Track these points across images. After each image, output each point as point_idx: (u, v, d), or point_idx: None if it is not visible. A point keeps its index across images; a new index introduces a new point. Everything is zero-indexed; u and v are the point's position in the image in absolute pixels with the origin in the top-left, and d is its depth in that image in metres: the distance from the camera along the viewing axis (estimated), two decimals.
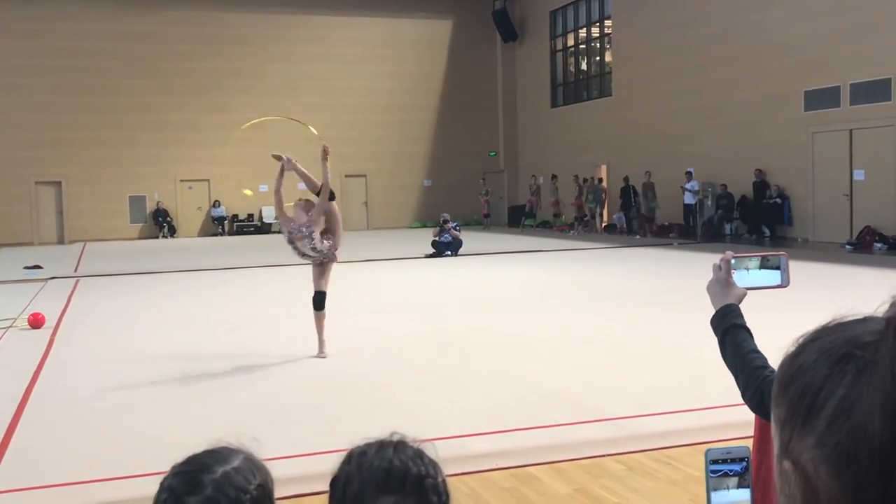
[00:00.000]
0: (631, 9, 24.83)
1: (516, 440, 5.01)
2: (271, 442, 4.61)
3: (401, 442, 1.29)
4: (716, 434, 4.90)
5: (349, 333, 8.87)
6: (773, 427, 0.75)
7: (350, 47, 29.73)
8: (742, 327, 1.88)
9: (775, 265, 1.94)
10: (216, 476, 1.28)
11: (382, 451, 1.27)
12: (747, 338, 1.87)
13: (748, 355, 1.83)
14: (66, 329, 9.61)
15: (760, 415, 1.80)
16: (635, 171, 24.10)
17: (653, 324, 8.94)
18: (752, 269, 1.94)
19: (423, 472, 1.25)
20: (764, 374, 1.77)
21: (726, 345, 1.88)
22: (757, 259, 1.95)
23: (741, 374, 1.83)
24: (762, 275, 1.94)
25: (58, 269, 16.85)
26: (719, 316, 1.91)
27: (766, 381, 1.75)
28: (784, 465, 0.72)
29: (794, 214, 19.10)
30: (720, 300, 1.93)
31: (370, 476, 1.25)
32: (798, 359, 0.74)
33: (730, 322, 1.89)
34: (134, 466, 4.65)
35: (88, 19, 27.21)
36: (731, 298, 1.92)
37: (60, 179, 27.32)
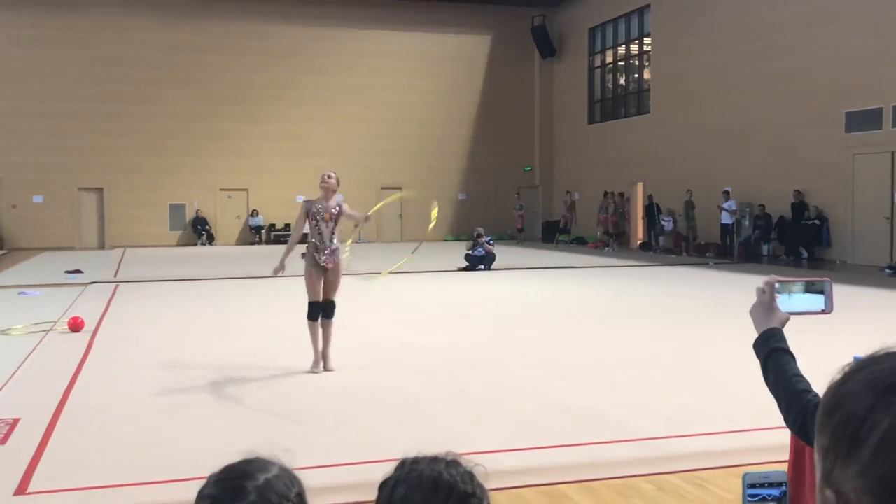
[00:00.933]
0: (670, 26, 24.74)
1: (547, 457, 5.00)
2: (303, 452, 4.65)
3: (454, 460, 1.32)
4: (749, 457, 4.85)
5: (380, 345, 8.90)
6: (816, 454, 0.75)
7: (388, 61, 29.93)
8: (785, 351, 1.88)
9: (819, 290, 1.94)
10: (259, 483, 1.30)
11: (435, 463, 1.30)
12: (790, 361, 1.87)
13: (791, 379, 1.82)
14: (104, 333, 9.74)
15: (803, 439, 1.79)
16: (672, 189, 23.96)
17: (687, 343, 8.87)
18: (796, 293, 1.94)
19: (469, 490, 1.28)
20: (807, 398, 1.77)
21: (769, 368, 1.88)
22: (801, 284, 1.95)
23: (784, 397, 1.82)
24: (806, 300, 1.94)
25: (98, 274, 17.10)
26: (762, 339, 1.91)
27: (809, 405, 1.74)
28: (826, 493, 0.72)
29: (833, 236, 18.86)
30: (763, 324, 1.93)
31: (418, 483, 1.28)
32: (844, 387, 0.73)
33: (773, 345, 1.89)
34: (170, 471, 4.71)
35: (133, 29, 27.69)
36: (775, 322, 1.92)
37: (102, 186, 27.77)
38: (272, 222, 29.17)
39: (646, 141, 25.84)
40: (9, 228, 27.01)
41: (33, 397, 6.56)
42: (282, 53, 29.01)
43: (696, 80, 23.41)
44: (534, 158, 31.95)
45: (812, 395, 1.77)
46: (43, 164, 27.07)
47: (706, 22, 22.96)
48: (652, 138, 25.52)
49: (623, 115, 28.00)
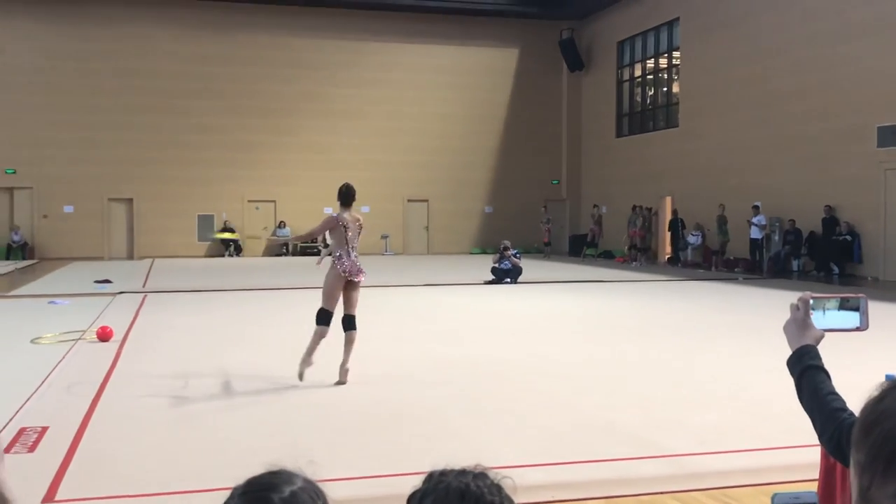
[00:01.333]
0: (699, 40, 24.63)
1: (573, 472, 4.96)
2: (328, 463, 4.64)
3: (482, 472, 1.31)
4: (778, 475, 4.78)
5: (406, 357, 8.89)
6: (852, 471, 0.73)
7: (416, 73, 30.06)
8: (820, 369, 1.85)
9: (854, 307, 1.90)
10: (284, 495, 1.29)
11: (462, 476, 1.29)
12: (825, 379, 1.83)
13: (826, 397, 1.79)
14: (132, 343, 9.82)
15: (838, 459, 1.76)
16: (701, 203, 23.81)
17: (715, 359, 8.78)
18: (831, 310, 1.91)
19: (496, 502, 1.26)
20: (843, 416, 1.73)
21: (803, 386, 1.85)
22: (836, 300, 1.91)
23: (818, 416, 1.79)
24: (840, 316, 1.91)
25: (127, 284, 17.26)
26: (796, 356, 1.88)
27: (844, 423, 1.71)
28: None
29: (865, 252, 18.62)
30: (797, 341, 1.90)
31: (445, 495, 1.27)
32: (881, 404, 0.72)
33: (807, 363, 1.85)
34: (196, 481, 4.72)
35: (163, 41, 28.04)
36: (809, 339, 1.89)
37: (132, 196, 28.09)
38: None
39: (674, 155, 25.70)
40: (40, 238, 27.37)
41: (62, 406, 6.61)
42: (310, 66, 29.23)
43: (726, 94, 23.26)
44: (561, 172, 31.89)
45: (847, 414, 1.73)
46: (73, 175, 27.43)
47: (736, 35, 22.84)
48: (680, 152, 25.39)
49: (651, 128, 27.88)
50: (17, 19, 27.01)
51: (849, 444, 1.66)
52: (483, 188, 30.90)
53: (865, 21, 18.42)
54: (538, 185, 31.22)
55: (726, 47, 23.25)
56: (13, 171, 27.20)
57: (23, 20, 27.06)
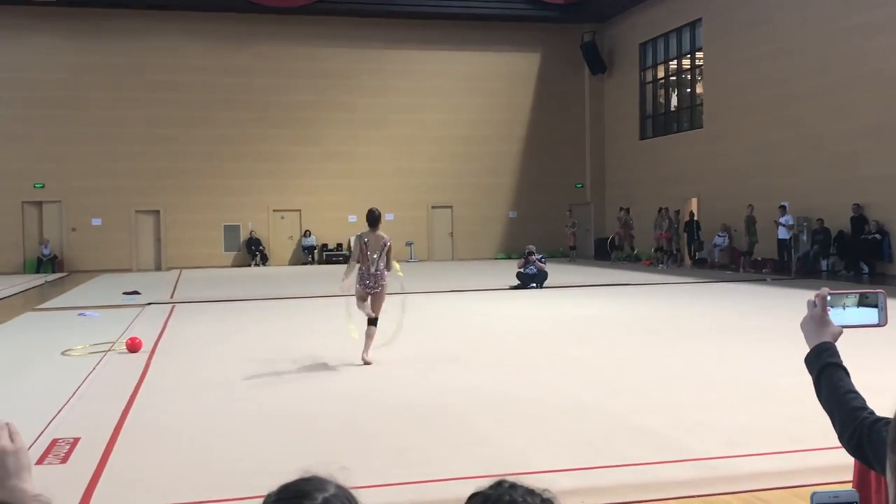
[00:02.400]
0: (722, 40, 24.48)
1: (603, 477, 4.93)
2: (358, 470, 4.65)
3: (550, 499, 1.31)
4: (811, 477, 4.72)
5: (434, 364, 8.89)
6: (889, 473, 0.72)
7: (438, 80, 30.11)
8: (839, 366, 1.81)
9: (873, 303, 1.88)
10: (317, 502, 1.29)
11: (530, 496, 1.29)
12: (844, 377, 1.80)
13: (845, 395, 1.75)
14: (161, 353, 9.89)
15: (858, 458, 1.72)
16: (727, 204, 23.65)
17: (745, 361, 8.70)
18: (849, 306, 1.88)
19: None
20: (863, 415, 1.70)
21: (822, 384, 1.82)
22: (854, 296, 1.89)
23: (838, 414, 1.75)
24: (859, 313, 1.88)
25: (155, 295, 17.40)
26: (815, 354, 1.85)
27: (864, 423, 1.68)
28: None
29: (895, 250, 18.38)
30: (815, 338, 1.87)
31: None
32: None
33: (826, 360, 1.82)
34: (228, 490, 4.74)
35: (187, 54, 28.31)
36: (827, 336, 1.86)
37: (159, 208, 28.35)
38: (324, 242, 29.44)
39: (699, 156, 25.54)
40: (69, 251, 27.69)
41: (93, 417, 6.67)
42: (333, 75, 29.38)
43: (750, 94, 23.09)
44: (585, 175, 31.79)
45: (868, 413, 1.70)
46: (101, 188, 27.74)
47: (759, 35, 22.67)
48: (705, 153, 25.22)
49: (675, 130, 27.73)
50: (43, 35, 27.38)
51: (869, 443, 1.64)
52: (507, 193, 30.87)
53: (889, 17, 18.21)
54: (562, 188, 31.14)
55: (749, 47, 23.08)
56: (42, 185, 27.57)
57: (50, 36, 27.44)
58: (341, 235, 29.49)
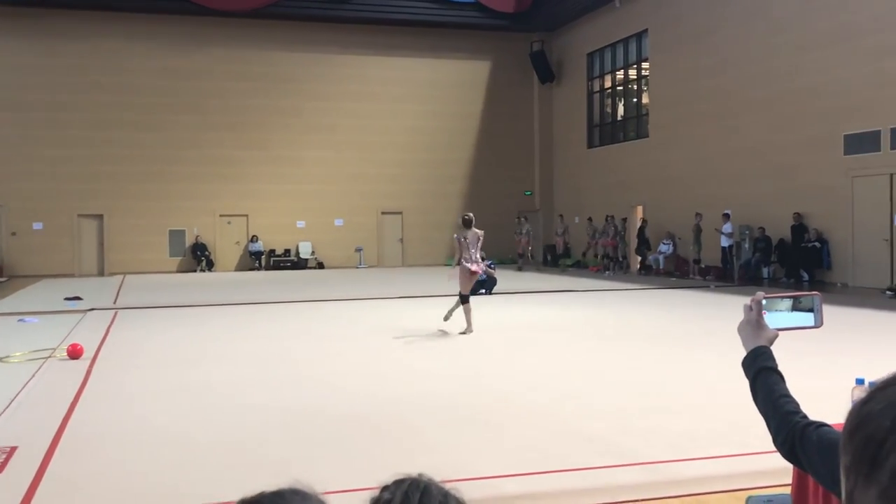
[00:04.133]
0: (667, 51, 24.88)
1: (549, 482, 4.96)
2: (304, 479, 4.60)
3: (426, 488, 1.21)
4: (753, 481, 4.81)
5: (382, 370, 8.87)
6: (842, 474, 0.73)
7: (389, 86, 30.09)
8: (773, 370, 1.84)
9: (808, 307, 1.91)
10: None
11: None
12: (779, 381, 1.83)
13: (779, 399, 1.79)
14: (103, 360, 9.71)
15: (791, 461, 1.76)
16: (671, 212, 24.02)
17: (689, 366, 8.83)
18: (784, 310, 1.92)
19: None
20: (795, 419, 1.73)
21: (757, 388, 1.85)
22: (789, 300, 1.92)
23: (772, 418, 1.79)
24: (794, 316, 1.91)
25: (97, 301, 17.08)
26: (750, 358, 1.88)
27: (796, 426, 1.71)
28: None
29: (834, 259, 18.85)
30: (751, 342, 1.89)
31: None
32: (866, 406, 0.72)
33: (761, 365, 1.85)
34: (167, 500, 4.66)
35: (132, 56, 27.85)
36: (763, 340, 1.89)
37: (102, 213, 27.81)
38: (272, 248, 29.17)
39: (645, 165, 25.91)
40: (9, 255, 27.02)
41: (31, 425, 6.51)
42: (282, 79, 29.17)
43: (695, 104, 23.50)
44: (534, 183, 32.03)
45: (800, 417, 1.73)
46: (43, 192, 27.13)
47: (704, 46, 23.09)
48: (651, 162, 25.59)
49: (622, 139, 28.09)
50: None
51: (801, 447, 1.67)
52: (457, 200, 30.93)
53: (830, 31, 18.69)
54: (512, 196, 31.31)
55: (694, 58, 23.50)
56: None
57: None
58: (289, 241, 29.26)
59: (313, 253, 29.31)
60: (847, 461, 0.72)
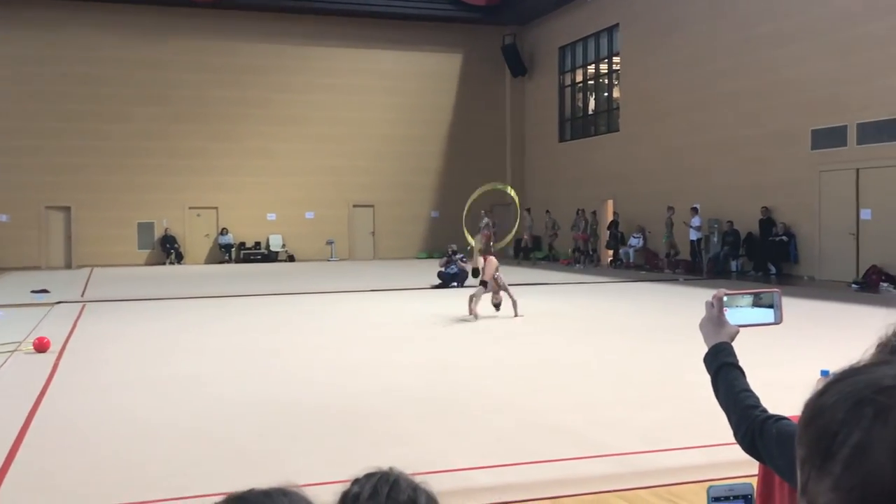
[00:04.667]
0: (639, 45, 25.01)
1: (520, 473, 4.98)
2: (275, 472, 4.59)
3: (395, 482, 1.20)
4: (721, 471, 4.86)
5: (354, 363, 8.86)
6: (797, 466, 0.74)
7: (361, 78, 29.97)
8: (734, 366, 1.88)
9: (768, 303, 1.94)
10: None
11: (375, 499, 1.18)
12: (739, 376, 1.86)
13: (739, 394, 1.82)
14: (71, 353, 9.61)
15: (751, 454, 1.79)
16: (642, 206, 24.18)
17: (659, 358, 8.91)
18: (745, 306, 1.94)
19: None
20: (755, 413, 1.76)
21: (718, 384, 1.88)
22: (749, 297, 1.95)
23: (733, 413, 1.82)
24: (755, 312, 1.94)
25: (65, 294, 16.88)
26: (712, 354, 1.91)
27: (756, 420, 1.74)
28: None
29: (801, 252, 19.08)
30: (713, 338, 1.93)
31: None
32: (820, 399, 0.73)
33: (722, 360, 1.88)
34: (136, 493, 4.63)
35: (100, 47, 27.50)
36: (724, 336, 1.92)
37: (70, 205, 27.47)
38: (242, 240, 28.98)
39: (615, 159, 26.04)
40: None
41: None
42: (252, 71, 28.94)
43: (665, 99, 23.65)
44: (506, 176, 32.05)
45: (759, 411, 1.77)
46: (9, 183, 26.73)
47: (675, 41, 23.24)
48: (622, 156, 25.73)
49: (593, 132, 28.21)
50: None
51: (761, 440, 1.71)
52: (429, 193, 30.92)
53: (799, 27, 18.89)
54: None
55: (665, 53, 23.64)
56: None
57: None
58: (260, 234, 29.09)
59: (284, 246, 29.17)
60: (802, 453, 0.73)
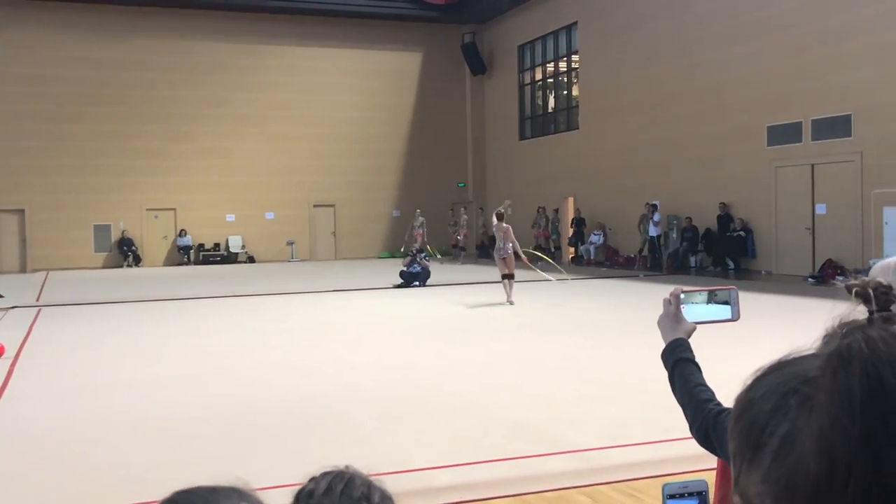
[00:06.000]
0: (597, 43, 25.18)
1: (482, 472, 4.99)
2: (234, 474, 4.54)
3: (350, 480, 1.20)
4: (681, 466, 4.91)
5: (313, 364, 8.81)
6: (730, 460, 0.75)
7: (319, 77, 29.80)
8: (690, 361, 1.91)
9: (724, 300, 1.95)
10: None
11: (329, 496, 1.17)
12: (695, 371, 1.90)
13: (695, 389, 1.85)
14: (26, 359, 9.43)
15: (706, 447, 1.83)
16: (602, 203, 24.36)
17: (618, 354, 8.97)
18: (701, 303, 1.96)
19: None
20: (709, 407, 1.80)
21: (675, 379, 1.92)
22: (705, 294, 1.97)
23: (688, 407, 1.86)
24: (712, 309, 1.96)
25: (19, 298, 16.57)
26: (668, 350, 1.94)
27: (710, 413, 1.78)
28: (735, 499, 0.72)
29: (758, 247, 19.35)
30: (670, 334, 1.96)
31: None
32: (749, 393, 0.74)
33: (678, 356, 1.92)
34: (90, 499, 4.55)
35: (53, 46, 27.03)
36: (681, 333, 1.94)
37: (24, 207, 26.97)
38: (201, 242, 28.68)
39: (575, 156, 26.19)
40: None
41: None
42: (210, 70, 28.64)
43: (624, 96, 23.83)
44: (467, 174, 32.11)
45: (714, 405, 1.80)
46: None
47: (632, 39, 23.43)
48: (581, 153, 25.89)
49: (553, 131, 28.34)
50: None
51: (714, 433, 1.74)
52: (390, 192, 30.85)
53: (754, 25, 19.14)
54: (446, 187, 31.32)
55: (623, 50, 23.83)
56: None
57: None
58: (219, 235, 28.81)
59: (244, 247, 28.92)
60: (733, 447, 0.74)
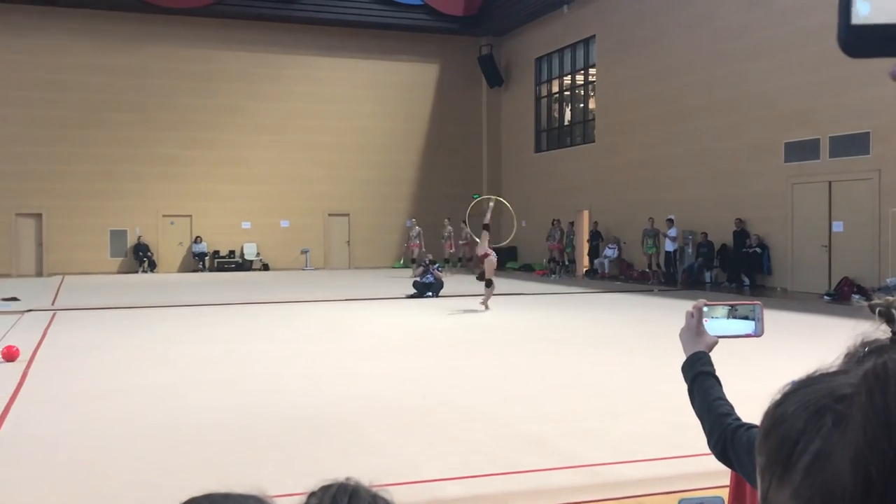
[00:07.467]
0: (615, 57, 25.17)
1: (493, 485, 4.96)
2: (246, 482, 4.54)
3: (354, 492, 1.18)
4: (693, 482, 4.88)
5: (326, 373, 8.81)
6: (758, 475, 0.75)
7: (337, 87, 29.93)
8: (710, 375, 1.90)
9: (748, 315, 1.94)
10: None
11: None
12: (714, 385, 1.88)
13: (714, 402, 1.84)
14: (40, 362, 9.48)
15: (724, 462, 1.81)
16: (616, 217, 24.30)
17: (633, 370, 8.93)
18: (724, 317, 1.95)
19: None
20: (727, 421, 1.78)
21: (694, 392, 1.90)
22: (730, 308, 1.95)
23: (707, 421, 1.84)
24: (735, 324, 1.95)
25: (35, 302, 16.67)
26: (689, 363, 1.93)
27: (728, 428, 1.76)
28: None
29: (774, 264, 19.24)
30: (691, 347, 1.94)
31: None
32: (779, 408, 0.73)
33: (698, 369, 1.90)
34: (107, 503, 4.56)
35: (74, 53, 27.27)
36: (702, 346, 1.93)
37: (41, 212, 27.17)
38: (216, 249, 28.79)
39: (591, 169, 26.16)
40: None
41: None
42: (228, 78, 28.81)
43: (640, 111, 23.80)
44: (482, 186, 32.12)
45: (733, 419, 1.78)
46: None
47: (650, 53, 23.40)
48: (597, 167, 25.85)
49: (569, 144, 28.32)
50: None
51: (732, 448, 1.72)
52: (405, 202, 30.89)
53: (772, 41, 19.09)
54: (460, 198, 31.26)
55: (640, 65, 23.80)
56: None
57: None
58: (234, 242, 28.91)
59: (258, 254, 29.00)
60: (762, 462, 0.74)
